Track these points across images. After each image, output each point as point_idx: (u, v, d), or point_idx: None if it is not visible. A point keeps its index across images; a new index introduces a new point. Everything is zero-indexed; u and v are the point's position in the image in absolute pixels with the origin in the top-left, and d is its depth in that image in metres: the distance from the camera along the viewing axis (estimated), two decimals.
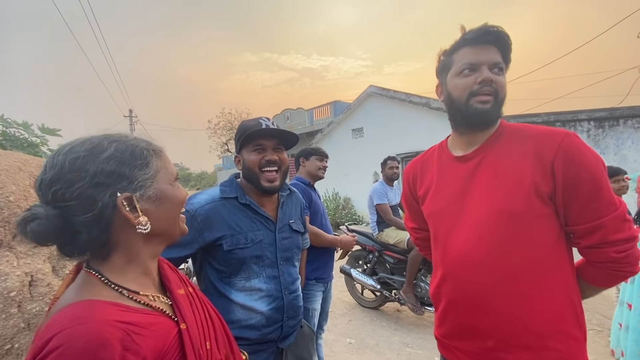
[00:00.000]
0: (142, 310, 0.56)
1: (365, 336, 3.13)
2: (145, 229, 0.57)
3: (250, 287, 1.09)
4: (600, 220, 0.78)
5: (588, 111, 6.30)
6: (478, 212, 0.86)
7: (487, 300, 0.84)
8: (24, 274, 0.95)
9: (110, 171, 0.55)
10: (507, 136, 0.88)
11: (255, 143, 1.13)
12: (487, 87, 0.84)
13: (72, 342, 0.44)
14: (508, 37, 0.87)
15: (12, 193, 0.95)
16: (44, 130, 2.82)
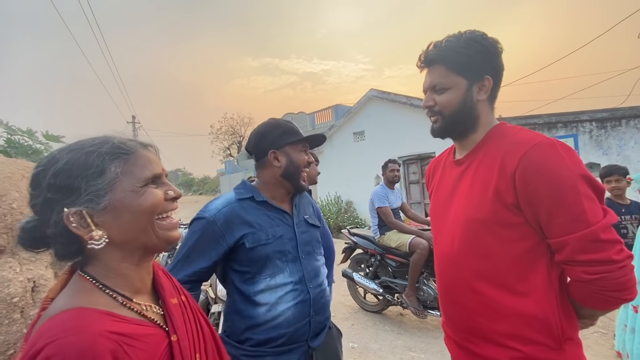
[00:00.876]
0: (134, 321, 0.56)
1: (368, 340, 3.11)
2: (99, 244, 0.54)
3: (275, 284, 1.10)
4: (566, 237, 0.74)
5: (590, 112, 6.28)
6: (455, 214, 0.92)
7: (458, 295, 0.91)
8: (26, 280, 0.96)
9: (58, 186, 0.53)
10: (493, 143, 0.89)
11: (304, 144, 1.22)
12: (429, 111, 0.93)
13: (65, 352, 0.44)
14: (452, 49, 0.87)
15: (15, 200, 0.97)
16: (48, 137, 2.86)
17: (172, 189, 0.62)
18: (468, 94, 0.88)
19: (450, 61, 0.87)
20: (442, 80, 0.89)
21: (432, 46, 0.91)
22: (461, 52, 0.86)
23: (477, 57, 0.86)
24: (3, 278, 0.92)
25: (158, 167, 0.62)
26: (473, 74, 0.87)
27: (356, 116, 10.66)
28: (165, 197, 0.61)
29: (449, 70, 0.88)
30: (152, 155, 0.62)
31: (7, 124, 2.67)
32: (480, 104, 0.90)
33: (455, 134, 0.95)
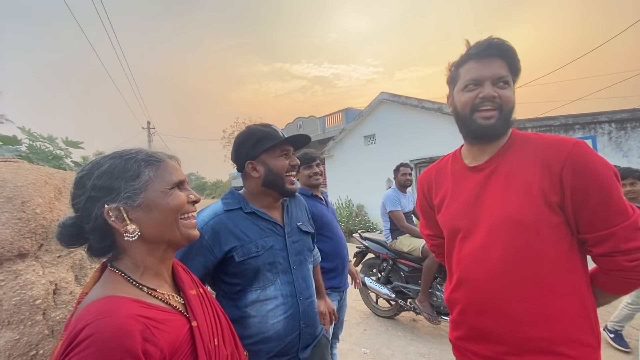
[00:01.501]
0: (160, 307, 0.63)
1: (381, 346, 3.07)
2: (133, 236, 0.63)
3: (266, 296, 1.08)
4: (611, 229, 0.78)
5: (609, 113, 6.10)
6: (491, 220, 0.88)
7: (498, 305, 0.87)
8: (48, 282, 0.99)
9: (101, 186, 0.63)
10: (519, 146, 0.90)
11: (282, 149, 1.16)
12: (489, 102, 0.87)
13: (102, 331, 0.51)
14: (513, 49, 0.88)
15: (38, 205, 1.01)
16: (67, 143, 2.96)
17: (193, 194, 0.73)
18: (514, 97, 0.90)
19: (513, 61, 0.89)
20: (507, 75, 0.88)
21: (495, 39, 0.89)
22: (517, 56, 0.89)
23: (519, 66, 0.90)
24: (26, 281, 0.95)
25: (182, 174, 0.73)
26: (516, 79, 0.92)
27: (367, 119, 10.64)
28: (188, 200, 0.71)
29: (509, 68, 0.89)
30: (176, 165, 0.74)
31: (29, 131, 2.78)
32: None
33: (499, 134, 0.92)
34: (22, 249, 0.96)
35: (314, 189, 2.21)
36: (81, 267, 1.12)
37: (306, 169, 2.20)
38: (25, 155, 2.66)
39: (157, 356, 0.55)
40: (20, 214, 0.96)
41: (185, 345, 0.62)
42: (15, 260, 0.97)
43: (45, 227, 1.01)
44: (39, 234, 1.00)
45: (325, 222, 2.10)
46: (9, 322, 0.92)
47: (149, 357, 0.54)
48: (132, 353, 0.51)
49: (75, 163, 3.15)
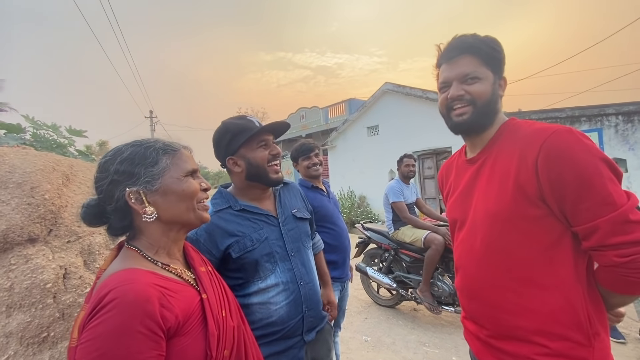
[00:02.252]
0: (173, 280, 0.69)
1: (382, 334, 3.12)
2: (151, 217, 0.69)
3: (266, 285, 1.10)
4: (595, 221, 0.73)
5: (616, 105, 6.02)
6: (475, 211, 0.92)
7: (482, 292, 0.91)
8: (58, 267, 1.01)
9: (123, 171, 0.69)
10: (506, 137, 0.90)
11: (259, 140, 1.15)
12: (457, 101, 0.91)
13: (125, 295, 0.57)
14: (481, 41, 0.89)
15: (47, 191, 1.02)
16: (71, 132, 2.97)
17: (204, 182, 0.79)
18: (495, 87, 0.90)
19: (483, 53, 0.89)
20: (476, 70, 0.89)
21: (460, 37, 0.92)
22: (493, 47, 0.89)
23: (501, 56, 0.90)
24: (37, 265, 0.97)
25: (195, 164, 0.79)
26: (498, 70, 0.91)
27: (370, 110, 10.56)
28: (200, 188, 0.77)
29: (481, 62, 0.89)
30: (190, 155, 0.79)
31: (33, 119, 2.78)
32: (499, 100, 0.93)
33: (478, 128, 0.94)
34: (32, 234, 0.98)
35: (314, 179, 2.19)
36: (90, 253, 1.14)
37: (305, 159, 2.17)
38: (29, 143, 2.67)
39: (173, 321, 0.61)
40: (30, 200, 0.97)
41: (197, 315, 0.68)
42: (25, 245, 0.98)
43: (54, 213, 1.03)
44: (48, 219, 1.02)
45: (325, 213, 2.10)
46: (21, 305, 0.94)
47: (165, 321, 0.59)
48: (151, 315, 0.57)
49: (79, 152, 3.16)
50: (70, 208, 1.10)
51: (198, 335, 0.66)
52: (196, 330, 0.66)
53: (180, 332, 0.63)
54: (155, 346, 0.58)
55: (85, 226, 1.16)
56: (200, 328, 0.67)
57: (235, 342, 0.74)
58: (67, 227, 1.08)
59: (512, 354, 0.85)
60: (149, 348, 0.56)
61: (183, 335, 0.63)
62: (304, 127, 16.70)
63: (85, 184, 1.25)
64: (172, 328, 0.61)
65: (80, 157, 3.01)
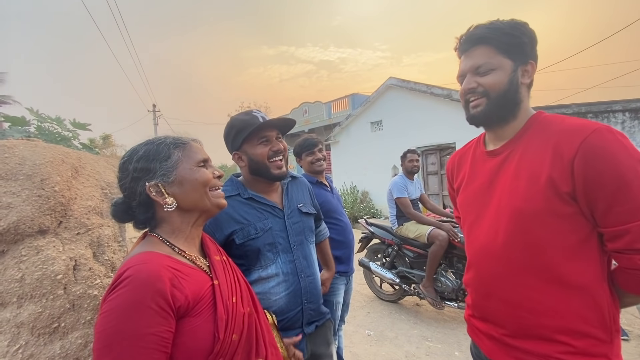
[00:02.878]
0: (187, 264, 0.74)
1: (384, 329, 3.14)
2: (171, 207, 0.75)
3: (267, 275, 1.13)
4: (627, 225, 0.72)
5: (623, 102, 5.95)
6: (499, 206, 0.88)
7: (501, 290, 0.88)
8: (68, 258, 1.02)
9: (141, 168, 0.75)
10: (536, 130, 0.86)
11: (260, 136, 1.16)
12: (471, 93, 0.89)
13: (139, 273, 0.63)
14: (495, 28, 0.85)
15: (57, 183, 1.02)
16: (75, 125, 2.97)
17: (217, 170, 0.84)
18: (514, 75, 0.86)
19: (498, 41, 0.85)
20: (488, 61, 0.86)
21: (474, 29, 0.88)
22: (509, 32, 0.84)
23: (524, 40, 0.85)
24: (48, 256, 0.98)
25: (205, 154, 0.83)
26: (519, 56, 0.86)
27: (374, 105, 10.50)
28: (213, 176, 0.82)
29: (495, 51, 0.85)
30: (200, 146, 0.84)
31: (37, 112, 2.79)
32: (523, 89, 0.88)
33: (497, 120, 0.91)
34: (43, 226, 0.98)
35: (318, 175, 2.19)
36: (99, 245, 1.15)
37: (308, 155, 2.17)
38: (34, 136, 2.67)
39: (182, 300, 0.65)
40: (40, 192, 0.98)
41: (207, 299, 0.72)
42: (36, 237, 0.99)
43: (63, 205, 1.03)
44: (58, 211, 1.02)
45: (329, 208, 2.10)
46: (32, 296, 0.96)
47: (175, 300, 0.64)
48: (161, 293, 0.62)
49: (83, 145, 3.17)
50: (80, 200, 1.11)
51: (208, 318, 0.70)
52: (206, 313, 0.70)
53: (190, 313, 0.67)
54: (164, 322, 0.62)
55: (94, 219, 1.17)
56: (210, 312, 0.71)
57: (245, 328, 0.76)
58: (76, 219, 1.08)
59: (533, 353, 0.83)
60: (157, 323, 0.61)
61: (194, 316, 0.68)
62: (306, 122, 16.65)
63: (94, 176, 1.26)
64: (182, 307, 0.65)
65: (84, 150, 3.02)
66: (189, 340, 0.66)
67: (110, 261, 1.18)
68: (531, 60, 0.87)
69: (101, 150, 13.59)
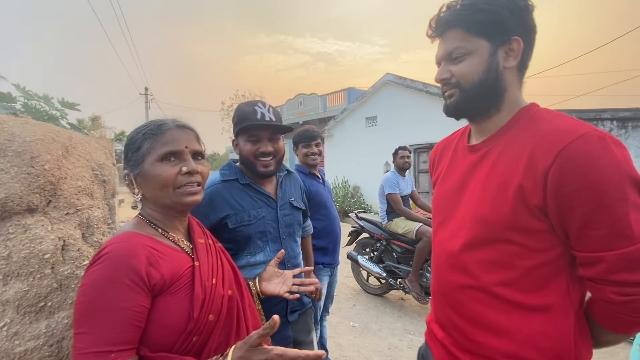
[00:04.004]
0: (168, 245, 0.76)
1: (369, 321, 3.20)
2: (138, 198, 0.78)
3: (255, 261, 1.16)
4: (600, 253, 0.62)
5: (612, 110, 6.09)
6: (465, 212, 0.79)
7: (454, 301, 0.81)
8: (57, 238, 1.01)
9: (123, 154, 0.79)
10: (520, 128, 0.73)
11: (251, 134, 1.16)
12: (444, 84, 0.79)
13: (116, 250, 0.66)
14: (466, 6, 0.72)
15: (47, 162, 1.00)
16: (63, 104, 2.89)
17: (186, 165, 0.77)
18: (492, 60, 0.72)
19: (469, 21, 0.72)
20: (460, 45, 0.73)
21: (445, 9, 0.76)
22: (483, 8, 0.70)
23: (502, 13, 0.70)
24: (36, 235, 0.97)
25: (179, 144, 0.77)
26: (498, 34, 0.72)
27: (370, 100, 10.51)
28: (180, 172, 0.76)
29: (467, 33, 0.72)
30: (180, 134, 0.78)
31: (24, 88, 2.70)
32: (508, 74, 0.74)
33: (475, 113, 0.79)
34: (31, 204, 0.97)
35: (312, 168, 2.21)
36: (88, 226, 1.14)
37: (304, 147, 2.19)
38: (20, 113, 2.60)
39: (158, 278, 0.68)
40: (30, 169, 0.96)
41: (186, 279, 0.74)
42: (24, 215, 0.98)
43: (53, 184, 1.01)
44: (48, 190, 1.01)
45: (320, 200, 2.14)
46: (19, 274, 0.94)
47: (150, 277, 0.67)
48: (135, 270, 0.65)
49: (71, 125, 3.09)
50: (70, 180, 1.09)
51: (184, 297, 0.71)
52: (183, 293, 0.72)
53: (166, 291, 0.69)
54: (137, 297, 0.64)
55: (84, 200, 1.16)
56: (187, 291, 0.72)
57: (224, 310, 0.77)
58: (66, 199, 1.07)
59: None
60: (131, 298, 0.63)
61: (169, 294, 0.70)
62: (301, 114, 16.56)
63: (84, 157, 1.24)
64: (157, 285, 0.68)
65: (72, 130, 2.94)
66: (163, 317, 0.68)
67: (99, 243, 1.17)
68: (515, 36, 0.72)
69: (90, 132, 13.26)
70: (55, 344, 0.99)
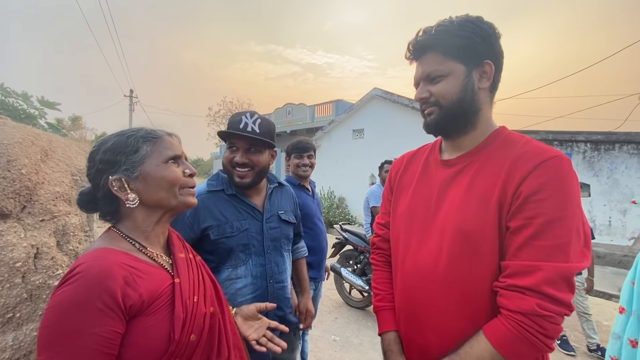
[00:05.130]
0: (146, 262, 0.72)
1: (350, 335, 3.18)
2: (133, 203, 0.72)
3: (236, 275, 1.13)
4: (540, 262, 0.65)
5: (586, 133, 6.42)
6: (445, 223, 0.79)
7: (432, 320, 0.79)
8: (30, 245, 0.97)
9: (107, 160, 0.72)
10: (498, 146, 0.79)
11: (230, 142, 1.17)
12: (424, 104, 0.83)
13: (89, 270, 0.61)
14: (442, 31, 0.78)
15: (24, 166, 0.97)
16: (43, 103, 2.79)
17: (188, 168, 0.80)
18: (468, 81, 0.78)
19: (445, 45, 0.77)
20: (438, 67, 0.78)
21: (422, 33, 0.81)
22: (457, 34, 0.76)
23: (475, 39, 0.76)
24: (7, 242, 0.93)
25: (178, 149, 0.79)
26: (472, 58, 0.77)
27: (357, 113, 10.67)
28: (184, 174, 0.78)
29: (444, 56, 0.78)
30: (174, 141, 0.80)
31: (1, 85, 2.59)
32: (482, 94, 0.80)
33: (453, 130, 0.84)
34: (5, 209, 0.93)
35: (302, 179, 2.19)
36: (64, 234, 1.10)
37: (296, 157, 2.17)
38: None
39: (136, 299, 0.63)
40: (5, 173, 0.92)
41: (165, 297, 0.70)
42: None
43: (29, 189, 0.98)
44: (23, 195, 0.97)
45: (308, 213, 2.10)
46: None
47: (127, 298, 0.62)
48: (109, 292, 0.60)
49: (50, 124, 2.98)
50: (47, 185, 1.05)
51: (164, 317, 0.67)
52: (163, 312, 0.68)
53: (144, 312, 0.65)
54: (110, 322, 0.60)
55: (61, 206, 1.12)
56: (167, 310, 0.68)
57: (206, 329, 0.75)
58: (42, 205, 1.03)
59: None
60: (103, 323, 0.59)
61: (148, 315, 0.65)
62: (289, 123, 16.61)
63: (64, 161, 1.20)
64: (134, 306, 0.63)
65: (50, 130, 2.84)
66: (141, 340, 0.64)
67: (74, 251, 1.12)
68: (487, 60, 0.78)
69: (69, 132, 12.72)
70: (23, 358, 0.94)
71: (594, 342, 2.88)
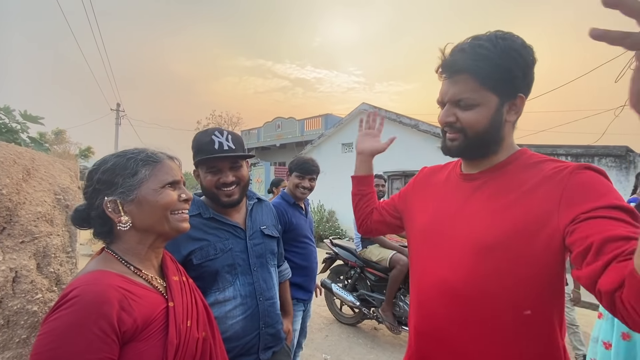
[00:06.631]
0: (141, 285, 0.71)
1: (341, 353, 3.11)
2: (125, 226, 0.72)
3: (224, 298, 1.09)
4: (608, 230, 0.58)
5: (567, 147, 6.64)
6: (465, 238, 0.75)
7: (456, 339, 0.75)
8: (8, 269, 0.93)
9: (104, 180, 0.72)
10: (521, 165, 0.76)
11: (210, 165, 1.12)
12: (448, 127, 0.79)
13: (84, 294, 0.59)
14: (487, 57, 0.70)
15: (5, 186, 0.94)
16: (25, 117, 2.72)
17: (185, 193, 0.80)
18: (498, 113, 0.74)
19: (484, 74, 0.71)
20: (471, 96, 0.73)
21: (458, 51, 0.74)
22: (499, 64, 0.70)
23: (516, 73, 0.71)
24: None
25: (177, 174, 0.79)
26: (507, 91, 0.73)
27: (346, 127, 10.80)
28: (179, 199, 0.78)
29: (480, 85, 0.72)
30: (174, 165, 0.80)
31: None
32: (508, 125, 0.77)
33: (474, 156, 0.82)
34: None
35: (297, 199, 2.16)
36: (44, 255, 1.05)
37: (298, 177, 2.11)
38: None
39: (130, 324, 0.62)
40: None
41: (160, 322, 0.69)
42: None
43: (10, 210, 0.94)
44: (3, 216, 0.93)
45: (300, 233, 2.08)
46: None
47: (122, 323, 0.61)
48: (106, 317, 0.59)
49: (32, 139, 2.90)
50: (29, 205, 1.02)
51: (157, 342, 0.66)
52: (156, 338, 0.66)
53: (138, 338, 0.64)
54: (105, 348, 0.59)
55: (43, 227, 1.08)
56: (160, 335, 0.67)
57: (199, 354, 0.74)
58: (22, 226, 0.99)
59: None
60: (98, 349, 0.58)
61: (141, 340, 0.64)
62: (279, 137, 16.67)
63: (47, 180, 1.17)
64: (128, 332, 0.62)
65: (32, 145, 2.77)
66: None
67: (55, 274, 1.08)
68: (521, 93, 0.74)
69: (52, 146, 12.43)
70: None
71: (580, 354, 2.91)
